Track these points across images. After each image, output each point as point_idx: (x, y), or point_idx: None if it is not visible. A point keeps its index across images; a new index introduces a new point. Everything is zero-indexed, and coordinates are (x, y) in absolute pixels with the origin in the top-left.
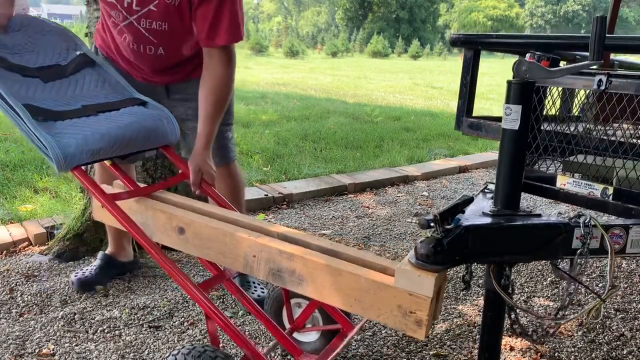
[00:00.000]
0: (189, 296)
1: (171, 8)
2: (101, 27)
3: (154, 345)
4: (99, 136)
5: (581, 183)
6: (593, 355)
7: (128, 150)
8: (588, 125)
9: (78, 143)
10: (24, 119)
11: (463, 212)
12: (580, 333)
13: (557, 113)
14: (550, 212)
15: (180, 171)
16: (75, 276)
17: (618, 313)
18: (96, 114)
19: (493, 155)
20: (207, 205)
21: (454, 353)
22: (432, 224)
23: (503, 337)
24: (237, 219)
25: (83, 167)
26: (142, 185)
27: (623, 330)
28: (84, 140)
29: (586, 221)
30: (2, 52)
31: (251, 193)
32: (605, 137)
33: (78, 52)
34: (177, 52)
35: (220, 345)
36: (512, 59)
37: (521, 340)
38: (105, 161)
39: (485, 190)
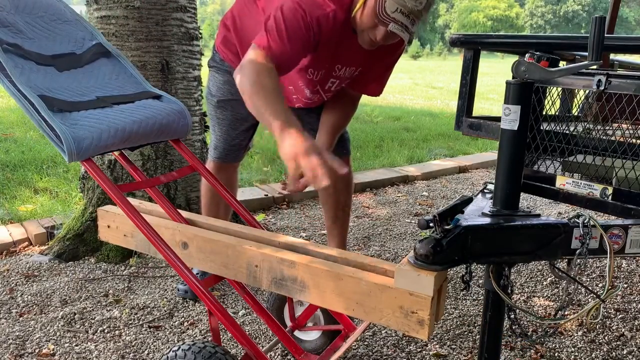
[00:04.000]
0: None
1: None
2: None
3: (154, 345)
4: (114, 131)
5: (580, 183)
6: (593, 355)
7: (139, 143)
8: (587, 125)
9: (93, 137)
10: (40, 110)
11: (462, 212)
12: (580, 333)
13: (557, 113)
14: (549, 212)
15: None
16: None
17: (618, 313)
18: (111, 106)
19: (493, 155)
20: (205, 217)
21: (454, 353)
22: (431, 224)
23: (503, 337)
24: (238, 230)
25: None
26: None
27: (623, 330)
28: (99, 134)
29: (585, 221)
30: (18, 39)
31: (251, 193)
32: (604, 137)
33: (94, 42)
34: None
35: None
36: (512, 59)
37: (521, 340)
38: (114, 152)
39: (485, 191)
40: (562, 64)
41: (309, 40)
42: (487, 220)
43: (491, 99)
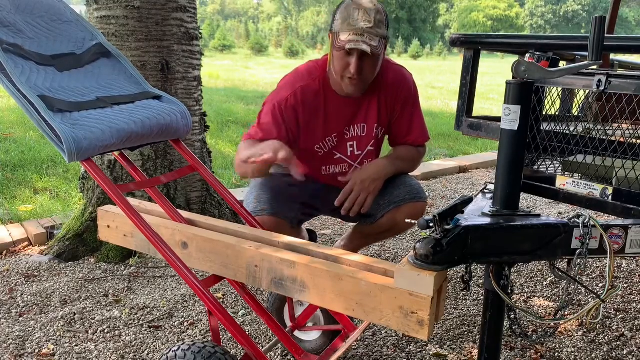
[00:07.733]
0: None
1: (381, 138)
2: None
3: (154, 345)
4: (115, 132)
5: (580, 183)
6: (593, 355)
7: (139, 143)
8: (587, 125)
9: (93, 138)
10: (40, 111)
11: (462, 212)
12: (580, 333)
13: (557, 113)
14: (549, 212)
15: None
16: None
17: (618, 313)
18: (111, 107)
19: (493, 155)
20: (205, 217)
21: (454, 353)
22: (431, 224)
23: (503, 337)
24: (238, 230)
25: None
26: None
27: (623, 330)
28: (99, 135)
29: (585, 221)
30: (18, 39)
31: None
32: (604, 137)
33: (94, 42)
34: None
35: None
36: (512, 59)
37: (521, 340)
38: (113, 152)
39: (485, 191)
40: (562, 64)
41: (280, 124)
42: (487, 220)
43: (491, 99)
